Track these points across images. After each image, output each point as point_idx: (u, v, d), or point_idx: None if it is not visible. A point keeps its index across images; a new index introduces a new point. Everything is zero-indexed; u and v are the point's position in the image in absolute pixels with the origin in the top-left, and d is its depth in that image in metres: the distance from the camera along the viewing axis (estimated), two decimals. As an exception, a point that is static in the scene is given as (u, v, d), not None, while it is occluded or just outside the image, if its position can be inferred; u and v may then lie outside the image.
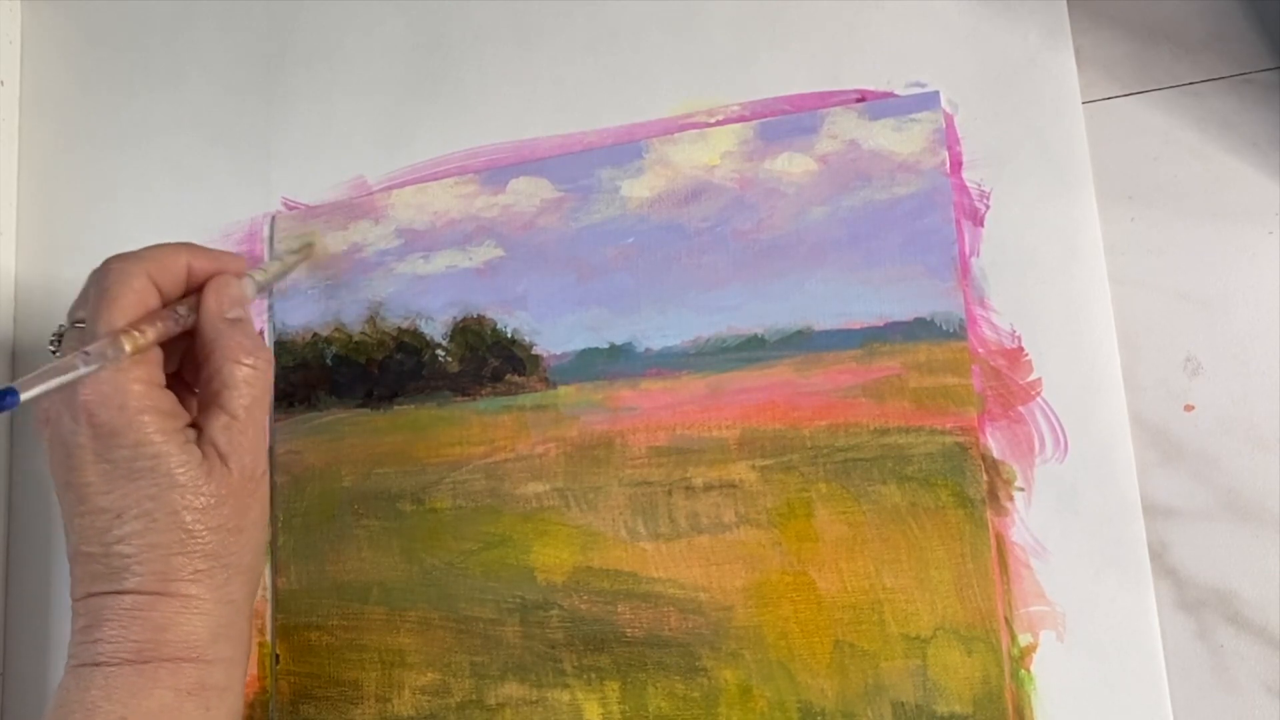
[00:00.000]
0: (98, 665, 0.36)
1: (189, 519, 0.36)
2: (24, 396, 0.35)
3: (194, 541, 0.37)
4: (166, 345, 0.40)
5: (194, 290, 0.41)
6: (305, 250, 0.51)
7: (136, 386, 0.37)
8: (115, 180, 0.58)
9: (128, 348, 0.37)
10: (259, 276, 0.45)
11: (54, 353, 0.42)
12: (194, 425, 0.39)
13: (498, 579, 0.47)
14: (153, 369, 0.38)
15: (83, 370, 0.36)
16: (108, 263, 0.39)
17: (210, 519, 0.37)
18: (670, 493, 0.45)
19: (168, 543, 0.36)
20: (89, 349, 0.37)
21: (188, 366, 0.43)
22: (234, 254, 0.44)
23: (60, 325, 0.42)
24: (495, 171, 0.50)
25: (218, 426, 0.38)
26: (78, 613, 0.38)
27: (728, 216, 0.46)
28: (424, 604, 0.48)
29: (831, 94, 0.46)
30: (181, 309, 0.40)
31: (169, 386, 0.41)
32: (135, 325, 0.38)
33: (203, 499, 0.37)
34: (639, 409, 0.46)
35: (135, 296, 0.38)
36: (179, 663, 0.37)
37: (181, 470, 0.36)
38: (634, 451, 0.46)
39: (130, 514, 0.36)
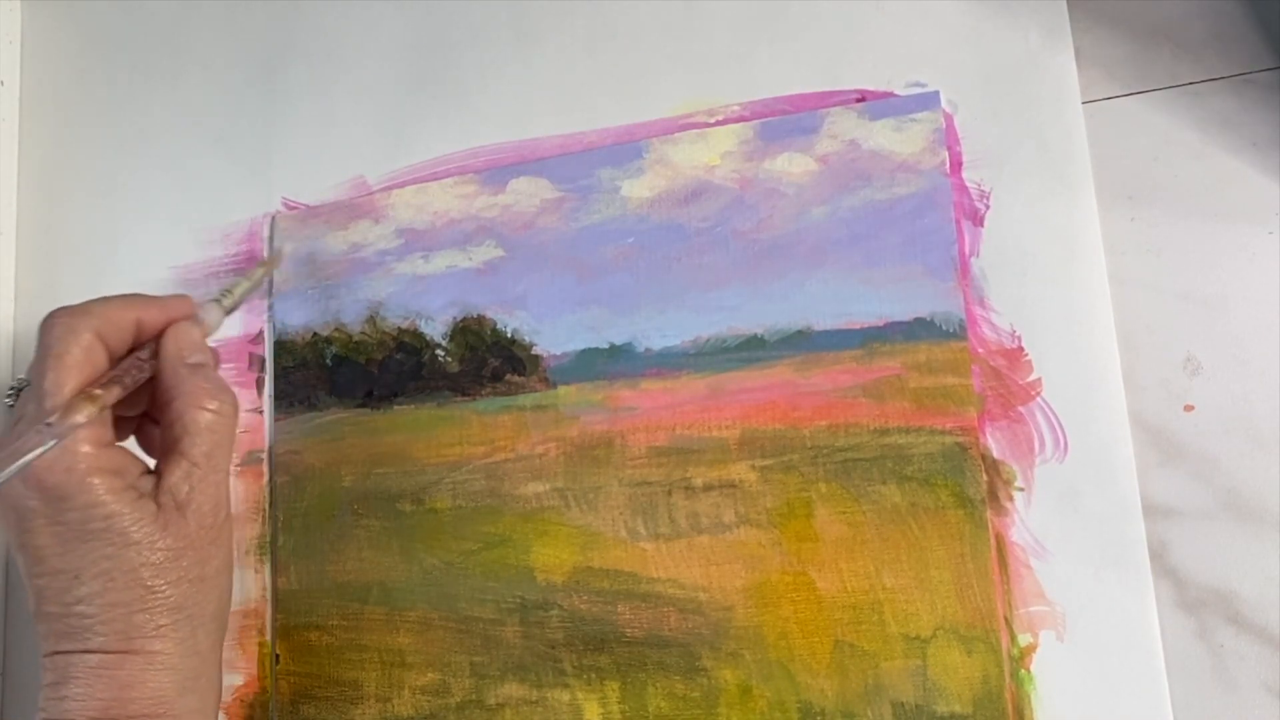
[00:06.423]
0: None
1: (147, 575, 0.36)
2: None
3: (155, 597, 0.36)
4: (133, 390, 0.40)
5: (148, 339, 0.41)
6: (273, 260, 0.50)
7: (85, 448, 0.36)
8: (115, 180, 0.58)
9: (94, 410, 0.37)
10: (226, 301, 0.44)
11: (11, 406, 0.41)
12: (154, 472, 0.39)
13: (498, 579, 0.47)
14: (100, 429, 0.37)
15: (50, 445, 0.35)
16: (53, 316, 0.38)
17: (169, 573, 0.37)
18: (670, 493, 0.45)
19: (128, 600, 0.36)
20: (51, 420, 0.36)
21: (154, 407, 0.41)
22: (182, 297, 0.43)
23: (18, 379, 0.41)
24: (495, 171, 0.50)
25: (178, 474, 0.38)
26: (45, 668, 0.37)
27: (728, 216, 0.46)
28: (424, 604, 0.48)
29: (831, 94, 0.46)
30: (144, 354, 0.40)
31: (139, 427, 0.40)
32: (97, 384, 0.38)
33: (159, 554, 0.36)
34: (639, 409, 0.46)
35: (82, 354, 0.38)
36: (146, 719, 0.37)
37: (135, 528, 0.36)
38: (634, 451, 0.46)
39: (88, 574, 0.36)
